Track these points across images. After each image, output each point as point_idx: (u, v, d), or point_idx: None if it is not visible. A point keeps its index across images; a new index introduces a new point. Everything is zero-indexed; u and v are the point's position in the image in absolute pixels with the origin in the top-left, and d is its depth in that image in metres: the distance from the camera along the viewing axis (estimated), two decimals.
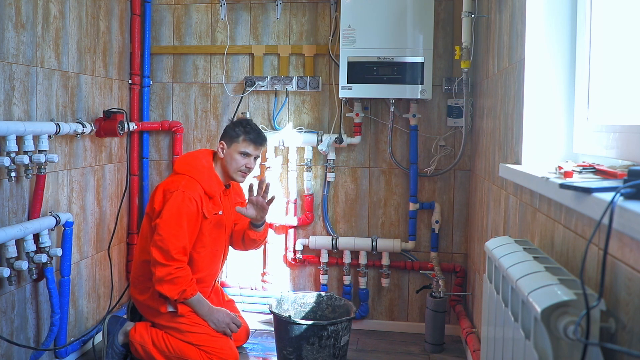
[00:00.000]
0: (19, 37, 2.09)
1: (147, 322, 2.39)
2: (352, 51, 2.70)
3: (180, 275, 2.21)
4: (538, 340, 0.99)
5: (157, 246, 2.20)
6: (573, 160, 1.56)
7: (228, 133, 2.43)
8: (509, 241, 1.39)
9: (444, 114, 2.85)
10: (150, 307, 2.32)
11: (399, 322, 2.95)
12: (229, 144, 2.41)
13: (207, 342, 2.28)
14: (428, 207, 2.86)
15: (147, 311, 2.37)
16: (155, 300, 2.30)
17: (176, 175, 2.35)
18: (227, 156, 2.41)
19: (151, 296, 2.30)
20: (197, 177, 2.33)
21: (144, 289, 2.34)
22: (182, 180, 2.30)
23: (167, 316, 2.31)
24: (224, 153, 2.41)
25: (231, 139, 2.41)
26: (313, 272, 2.99)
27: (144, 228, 2.39)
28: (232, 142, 2.41)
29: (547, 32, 1.61)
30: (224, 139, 2.44)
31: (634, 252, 0.88)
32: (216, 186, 2.39)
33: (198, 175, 2.34)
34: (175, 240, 2.21)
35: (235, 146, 2.40)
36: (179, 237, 2.22)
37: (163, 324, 2.33)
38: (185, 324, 2.29)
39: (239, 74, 3.00)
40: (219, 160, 2.43)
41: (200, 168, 2.37)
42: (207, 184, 2.34)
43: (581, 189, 0.98)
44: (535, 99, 1.62)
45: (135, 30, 2.93)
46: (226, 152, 2.41)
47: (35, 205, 2.16)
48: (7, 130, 1.95)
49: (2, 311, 2.05)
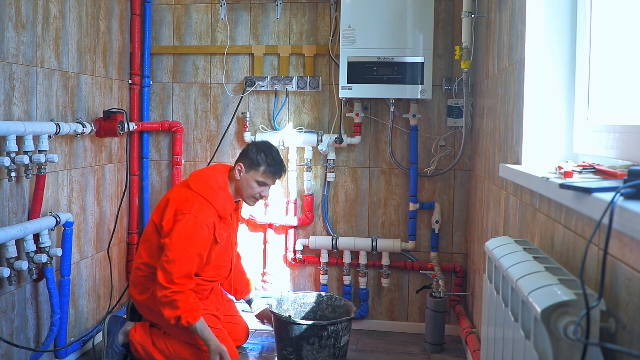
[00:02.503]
0: (19, 37, 2.09)
1: (147, 322, 2.40)
2: (352, 51, 2.70)
3: (179, 299, 2.13)
4: (538, 340, 0.99)
5: (162, 267, 2.15)
6: (573, 160, 1.56)
7: (249, 157, 2.35)
8: (509, 241, 1.39)
9: (444, 114, 2.85)
10: (150, 307, 2.31)
11: (399, 322, 2.95)
12: (248, 169, 2.34)
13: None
14: (428, 207, 2.86)
15: (147, 311, 2.36)
16: (155, 301, 2.29)
17: (190, 193, 2.26)
18: (244, 180, 2.34)
19: (151, 297, 2.29)
20: (211, 198, 2.26)
21: (143, 290, 2.33)
22: (195, 201, 2.22)
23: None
24: (240, 176, 2.34)
25: (251, 165, 2.34)
26: (313, 272, 2.99)
27: (148, 232, 2.35)
28: (252, 169, 2.33)
29: (547, 32, 1.61)
30: (243, 162, 2.35)
31: (634, 252, 0.88)
32: (229, 207, 2.34)
33: (213, 196, 2.27)
34: (180, 265, 2.15)
35: (254, 173, 2.33)
36: (184, 262, 2.16)
37: (162, 324, 2.33)
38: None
39: (239, 74, 3.00)
40: (234, 181, 2.37)
41: (215, 188, 2.29)
42: (221, 206, 2.28)
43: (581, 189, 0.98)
44: (535, 99, 1.62)
45: (135, 30, 2.93)
46: (243, 175, 2.34)
47: (35, 205, 2.16)
48: (7, 130, 1.94)
49: (2, 311, 2.05)
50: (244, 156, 2.37)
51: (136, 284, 2.36)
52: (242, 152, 2.41)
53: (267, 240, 2.99)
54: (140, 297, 2.34)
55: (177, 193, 2.30)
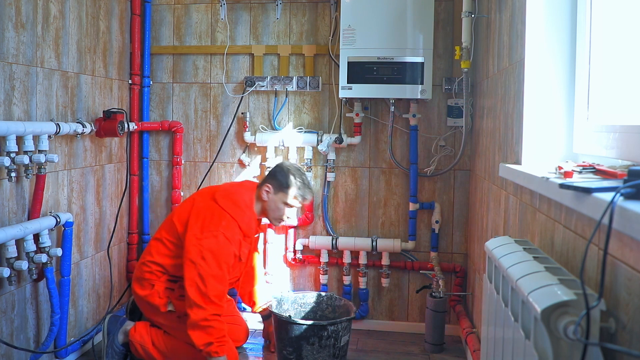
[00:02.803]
0: (19, 37, 2.09)
1: (146, 321, 2.39)
2: (352, 51, 2.70)
3: (215, 327, 2.11)
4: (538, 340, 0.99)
5: (196, 287, 2.12)
6: (573, 160, 1.56)
7: (278, 179, 2.35)
8: (509, 241, 1.39)
9: (444, 114, 2.85)
10: (151, 304, 2.31)
11: (399, 322, 2.95)
12: (277, 190, 2.34)
13: None
14: (428, 207, 2.86)
15: (147, 308, 2.36)
16: (158, 299, 2.30)
17: (217, 209, 2.25)
18: (271, 202, 2.35)
19: (153, 294, 2.30)
20: (238, 217, 2.25)
21: (146, 286, 2.32)
22: (222, 219, 2.22)
23: (167, 315, 2.31)
24: (268, 197, 2.35)
25: (280, 188, 2.34)
26: (313, 272, 2.99)
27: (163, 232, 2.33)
28: (281, 191, 2.34)
29: (547, 32, 1.61)
30: (271, 183, 2.35)
31: (634, 252, 0.88)
32: (254, 226, 2.34)
33: (240, 215, 2.26)
34: (215, 283, 2.13)
35: (282, 196, 2.34)
36: (218, 280, 2.15)
37: (162, 322, 2.33)
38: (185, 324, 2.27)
39: (239, 74, 3.00)
40: (260, 200, 2.37)
41: (243, 207, 2.29)
42: (247, 225, 2.28)
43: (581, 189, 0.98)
44: (535, 99, 1.62)
45: (135, 30, 2.93)
46: (271, 197, 2.35)
47: (35, 205, 2.16)
48: (7, 130, 1.94)
49: (2, 311, 2.05)
50: (272, 178, 2.37)
51: (140, 279, 2.34)
52: (270, 173, 2.41)
53: (267, 240, 2.99)
54: (142, 293, 2.32)
55: (204, 205, 2.28)
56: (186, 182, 3.06)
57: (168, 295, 2.31)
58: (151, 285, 2.32)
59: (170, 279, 2.32)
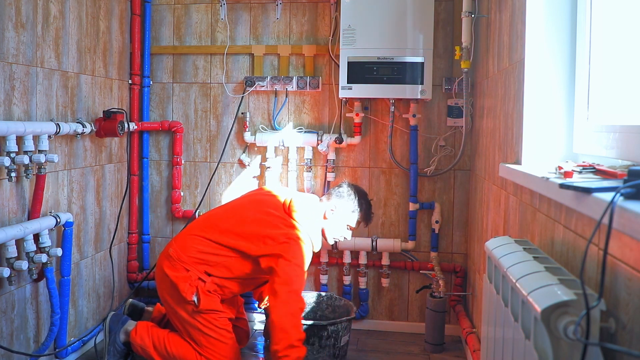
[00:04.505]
0: (19, 37, 2.09)
1: (147, 322, 2.38)
2: (352, 51, 2.70)
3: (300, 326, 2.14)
4: (538, 340, 0.99)
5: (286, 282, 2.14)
6: (573, 160, 1.56)
7: (347, 203, 2.39)
8: (508, 241, 1.39)
9: (444, 114, 2.85)
10: (177, 287, 2.20)
11: (399, 322, 2.95)
12: (344, 211, 2.38)
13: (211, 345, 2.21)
14: (428, 207, 2.86)
15: (168, 290, 2.24)
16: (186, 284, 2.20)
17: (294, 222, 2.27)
18: (336, 222, 2.39)
19: (184, 279, 2.20)
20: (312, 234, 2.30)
21: (180, 268, 2.23)
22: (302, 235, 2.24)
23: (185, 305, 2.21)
24: (332, 216, 2.39)
25: (347, 210, 2.38)
26: (313, 272, 2.99)
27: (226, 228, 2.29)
28: (347, 214, 2.38)
29: (547, 32, 1.61)
30: (339, 205, 2.39)
31: (634, 252, 0.88)
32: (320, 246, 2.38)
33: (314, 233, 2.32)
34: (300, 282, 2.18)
35: (347, 218, 2.39)
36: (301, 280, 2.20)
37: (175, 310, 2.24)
38: (201, 323, 2.21)
39: (239, 74, 3.00)
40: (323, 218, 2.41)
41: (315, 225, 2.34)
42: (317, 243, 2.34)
43: (581, 189, 0.98)
44: (535, 99, 1.62)
45: (135, 30, 2.93)
46: (337, 217, 2.39)
47: (35, 205, 2.16)
48: (7, 130, 1.95)
49: (2, 311, 2.05)
50: (341, 199, 2.40)
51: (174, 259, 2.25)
52: (336, 192, 2.43)
53: None
54: (171, 273, 2.22)
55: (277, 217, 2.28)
56: (186, 182, 3.06)
57: (197, 286, 2.22)
58: (186, 269, 2.22)
59: (207, 272, 2.25)
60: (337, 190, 2.43)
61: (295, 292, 2.14)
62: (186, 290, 2.19)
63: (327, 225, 2.39)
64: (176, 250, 2.27)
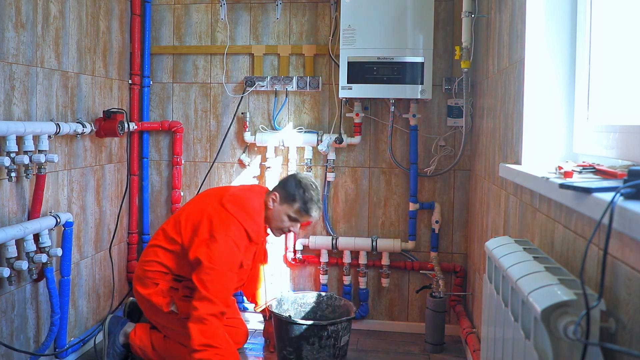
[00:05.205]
0: (19, 37, 2.09)
1: (147, 324, 2.38)
2: (352, 51, 2.70)
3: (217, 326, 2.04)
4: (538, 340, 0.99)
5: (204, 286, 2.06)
6: (573, 160, 1.56)
7: (288, 190, 2.30)
8: (509, 241, 1.39)
9: (444, 114, 2.85)
10: (153, 303, 2.26)
11: (399, 322, 2.95)
12: (283, 201, 2.29)
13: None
14: (428, 207, 2.86)
15: (148, 308, 2.32)
16: (160, 297, 2.25)
17: (225, 214, 2.19)
18: (275, 212, 2.30)
19: (156, 293, 2.25)
20: (246, 224, 2.19)
21: (148, 284, 2.28)
22: (231, 225, 2.16)
23: (168, 316, 2.28)
24: (273, 206, 2.30)
25: (287, 198, 2.29)
26: (313, 272, 2.99)
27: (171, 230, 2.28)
28: (286, 202, 2.29)
29: (547, 32, 1.61)
30: (279, 192, 2.30)
31: (634, 252, 0.88)
32: (262, 233, 2.30)
33: (248, 222, 2.21)
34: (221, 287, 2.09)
35: (288, 208, 2.29)
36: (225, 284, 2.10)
37: (162, 324, 2.31)
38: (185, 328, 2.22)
39: (239, 74, 3.00)
40: (267, 208, 2.32)
41: (252, 213, 2.23)
42: (255, 232, 2.23)
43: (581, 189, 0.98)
44: (535, 99, 1.62)
45: (135, 30, 2.94)
46: (276, 206, 2.30)
47: (35, 205, 2.16)
48: (7, 130, 1.95)
49: (2, 311, 2.05)
50: (282, 187, 2.32)
51: (142, 278, 2.29)
52: (281, 181, 2.37)
53: (267, 240, 2.99)
54: (144, 291, 2.27)
55: (213, 210, 2.23)
56: (186, 182, 3.06)
57: (172, 295, 2.27)
58: (155, 283, 2.27)
59: (175, 279, 2.28)
60: (283, 179, 2.38)
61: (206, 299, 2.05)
62: (162, 303, 2.24)
63: (270, 215, 2.31)
64: (140, 267, 2.32)
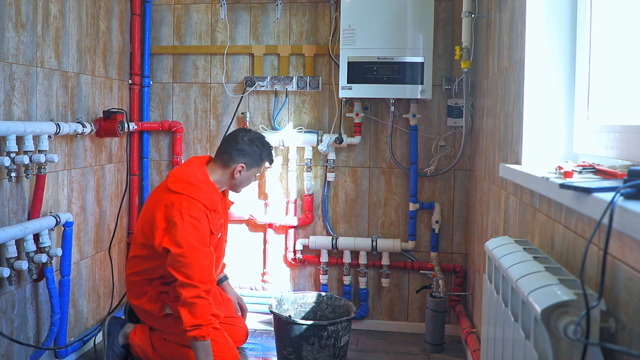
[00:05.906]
0: (19, 37, 2.09)
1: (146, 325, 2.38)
2: (352, 51, 2.70)
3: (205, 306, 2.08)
4: (538, 340, 0.99)
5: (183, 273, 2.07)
6: (573, 160, 1.56)
7: (250, 155, 2.28)
8: (509, 241, 1.39)
9: (444, 114, 2.85)
10: (147, 311, 2.29)
11: (399, 322, 2.95)
12: (250, 167, 2.30)
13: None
14: (428, 207, 2.86)
15: (144, 316, 2.35)
16: (152, 304, 2.27)
17: (173, 195, 2.15)
18: (244, 178, 2.31)
19: (147, 300, 2.27)
20: (195, 194, 2.15)
21: (139, 294, 2.29)
22: (182, 202, 2.12)
23: (164, 320, 2.29)
24: (240, 175, 2.29)
25: (253, 162, 2.30)
26: (313, 272, 2.99)
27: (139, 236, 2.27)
28: (255, 165, 2.31)
29: (547, 32, 1.61)
30: (245, 162, 2.27)
31: (634, 252, 0.88)
32: (216, 198, 2.25)
33: (196, 192, 2.16)
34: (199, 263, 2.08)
35: (256, 169, 2.34)
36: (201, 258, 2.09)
37: (160, 328, 2.31)
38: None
39: (239, 74, 3.00)
40: (219, 171, 2.28)
41: (196, 183, 2.19)
42: (208, 200, 2.18)
43: (581, 189, 0.98)
44: (535, 99, 1.62)
45: (135, 30, 2.93)
46: (244, 173, 2.30)
47: (35, 205, 2.16)
48: (7, 130, 1.95)
49: (2, 311, 2.05)
50: (244, 156, 2.27)
51: (131, 289, 2.32)
52: (236, 150, 2.28)
53: (267, 240, 2.99)
54: (137, 302, 2.31)
55: (160, 198, 2.19)
56: None
57: (163, 299, 2.27)
58: (144, 292, 2.28)
59: (163, 283, 2.27)
60: (235, 148, 2.29)
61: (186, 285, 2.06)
62: (155, 309, 2.26)
63: (238, 183, 2.32)
64: (127, 280, 2.34)
